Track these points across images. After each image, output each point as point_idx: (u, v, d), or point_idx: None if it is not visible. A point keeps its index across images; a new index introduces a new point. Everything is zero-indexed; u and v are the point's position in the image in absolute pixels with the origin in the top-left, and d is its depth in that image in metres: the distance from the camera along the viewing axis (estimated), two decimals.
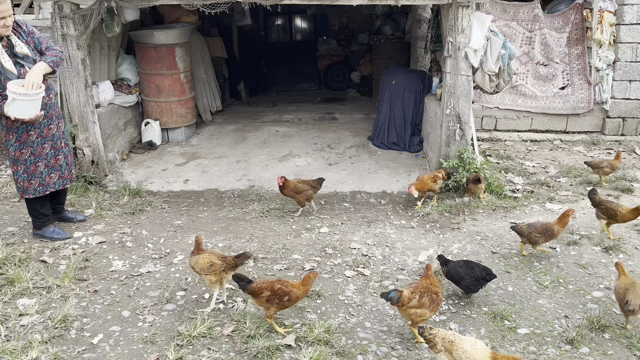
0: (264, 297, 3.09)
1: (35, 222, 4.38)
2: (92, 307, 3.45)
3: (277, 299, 3.09)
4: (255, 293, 3.12)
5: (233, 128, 7.80)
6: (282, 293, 3.10)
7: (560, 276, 3.80)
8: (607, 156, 6.34)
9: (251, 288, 3.13)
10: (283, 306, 3.14)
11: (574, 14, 6.73)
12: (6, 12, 3.82)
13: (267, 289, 3.09)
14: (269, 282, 3.14)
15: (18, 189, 4.24)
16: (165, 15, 7.59)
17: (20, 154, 4.11)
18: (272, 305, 3.11)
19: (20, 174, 4.15)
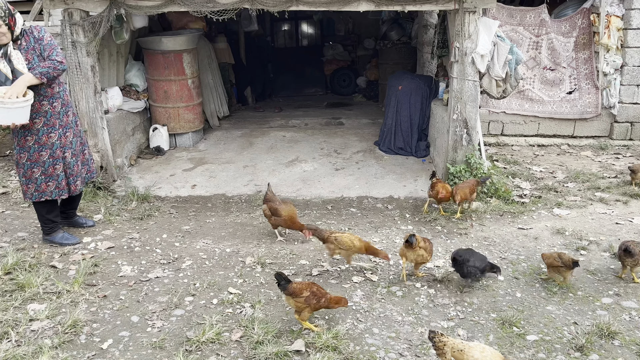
0: (303, 298, 3.18)
1: (43, 228, 4.42)
2: (102, 312, 3.48)
3: (315, 300, 3.19)
4: (295, 293, 3.21)
5: (240, 133, 7.83)
6: (320, 294, 3.22)
7: (569, 282, 3.78)
8: (616, 161, 6.32)
9: (291, 288, 3.21)
10: (320, 306, 3.23)
11: (581, 18, 6.73)
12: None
13: (307, 290, 3.21)
14: (307, 284, 3.27)
15: (21, 191, 4.32)
16: (173, 22, 7.65)
17: (20, 158, 4.18)
18: (309, 306, 3.20)
19: (20, 177, 4.24)
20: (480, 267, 3.62)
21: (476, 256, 3.70)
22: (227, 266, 4.11)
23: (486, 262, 3.69)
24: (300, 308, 3.22)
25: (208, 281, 3.85)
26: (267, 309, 3.51)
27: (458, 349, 2.60)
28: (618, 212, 4.94)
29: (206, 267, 4.09)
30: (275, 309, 3.52)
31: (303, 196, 5.57)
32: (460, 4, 4.94)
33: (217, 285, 3.81)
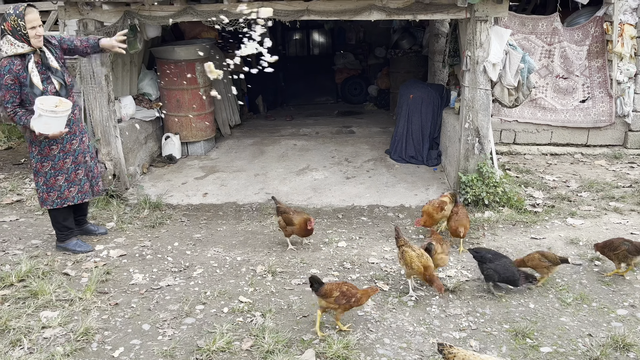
0: (333, 298, 3.24)
1: (58, 235, 4.46)
2: (113, 320, 3.49)
3: (345, 299, 3.25)
4: (326, 295, 3.27)
5: (251, 142, 7.87)
6: (350, 294, 3.28)
7: (583, 293, 3.74)
8: (630, 170, 6.24)
9: (323, 290, 3.29)
10: (349, 306, 3.29)
11: (593, 26, 6.68)
12: (35, 22, 3.92)
13: (337, 290, 3.27)
14: (337, 284, 3.33)
15: (39, 199, 4.34)
16: (185, 32, 7.73)
17: (41, 167, 4.21)
18: (340, 306, 3.26)
19: (40, 185, 4.25)
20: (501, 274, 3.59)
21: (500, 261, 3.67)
22: (238, 275, 4.11)
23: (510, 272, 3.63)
24: (332, 308, 3.29)
25: (219, 290, 3.85)
26: (278, 318, 3.50)
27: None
28: (633, 222, 4.87)
29: (217, 276, 4.09)
30: (286, 318, 3.51)
31: (314, 205, 5.56)
32: (472, 13, 4.93)
33: (228, 294, 3.81)
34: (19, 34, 3.91)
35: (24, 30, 3.90)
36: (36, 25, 3.92)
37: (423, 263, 3.60)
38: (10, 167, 6.56)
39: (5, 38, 3.94)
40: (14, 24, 3.89)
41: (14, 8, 3.93)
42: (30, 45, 3.95)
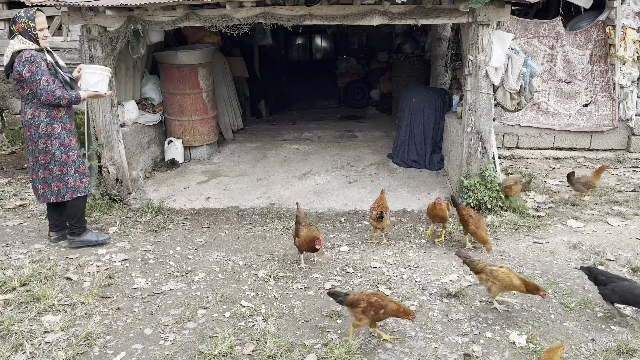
0: (360, 308, 3.18)
1: (76, 228, 4.58)
2: (115, 325, 3.49)
3: (373, 311, 3.18)
4: (353, 304, 3.21)
5: (254, 146, 7.88)
6: (379, 305, 3.19)
7: (586, 298, 3.72)
8: (634, 174, 6.22)
9: (349, 299, 3.23)
10: (378, 318, 3.22)
11: (596, 31, 6.68)
12: (44, 24, 4.26)
13: (364, 300, 3.20)
14: (366, 294, 3.26)
15: (69, 190, 4.44)
16: (188, 37, 7.76)
17: (68, 157, 4.42)
18: (367, 317, 3.19)
19: (72, 174, 4.44)
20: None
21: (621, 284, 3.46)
22: (240, 279, 4.11)
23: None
24: (360, 319, 3.23)
25: (221, 294, 3.85)
26: (280, 323, 3.50)
27: None
28: (637, 227, 4.85)
29: (219, 280, 4.09)
30: (288, 323, 3.50)
31: (316, 209, 5.56)
32: (474, 17, 4.94)
33: (230, 298, 3.81)
34: (29, 34, 4.19)
35: (34, 31, 4.18)
36: (44, 27, 4.25)
37: (523, 280, 3.46)
38: (14, 172, 6.59)
39: (17, 38, 4.21)
40: (24, 25, 4.17)
41: (24, 11, 4.23)
42: (38, 45, 4.23)
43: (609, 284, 3.46)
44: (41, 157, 4.38)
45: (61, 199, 4.48)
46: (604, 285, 3.49)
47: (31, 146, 4.39)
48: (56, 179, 4.42)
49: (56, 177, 4.42)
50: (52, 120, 4.32)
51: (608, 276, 3.53)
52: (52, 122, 4.31)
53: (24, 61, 4.14)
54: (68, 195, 4.47)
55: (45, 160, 4.38)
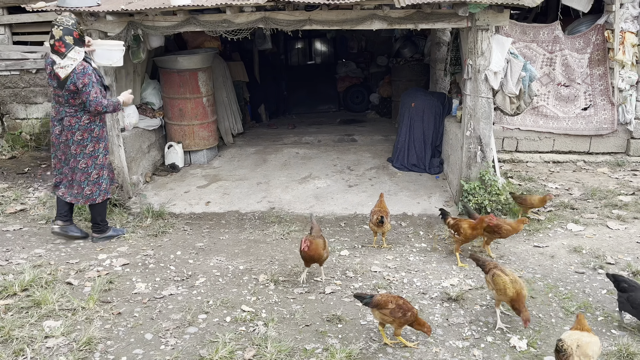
0: (389, 310, 3.19)
1: (101, 227, 4.86)
2: (116, 330, 3.49)
3: (401, 313, 3.18)
4: (380, 305, 3.22)
5: (254, 150, 7.89)
6: (406, 308, 3.20)
7: (587, 302, 3.72)
8: (633, 178, 6.23)
9: (376, 300, 3.24)
10: (405, 321, 3.20)
11: (595, 34, 6.70)
12: None
13: (392, 302, 3.21)
14: (393, 296, 3.28)
15: (102, 192, 4.72)
16: (188, 41, 7.79)
17: (105, 159, 4.75)
18: (395, 320, 3.19)
19: (106, 177, 4.75)
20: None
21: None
22: (241, 283, 4.11)
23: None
24: (386, 321, 3.23)
25: (221, 299, 3.86)
26: (280, 327, 3.50)
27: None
28: (636, 230, 4.86)
29: (219, 285, 4.10)
30: (288, 327, 3.50)
31: (316, 213, 5.56)
32: (473, 21, 4.96)
33: (231, 303, 3.81)
34: (82, 40, 4.50)
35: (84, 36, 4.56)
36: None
37: (517, 289, 3.34)
38: (14, 177, 6.59)
39: (74, 49, 4.41)
40: (80, 32, 4.46)
41: (69, 17, 4.45)
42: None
43: (629, 292, 3.37)
44: (83, 162, 4.61)
45: (92, 201, 4.72)
46: (624, 292, 3.41)
47: (76, 149, 4.59)
48: (91, 182, 4.67)
49: (92, 180, 4.67)
50: (103, 125, 4.72)
51: (630, 284, 3.41)
52: (103, 126, 4.71)
53: (77, 73, 4.36)
54: (100, 198, 4.74)
55: (87, 164, 4.64)
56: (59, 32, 4.36)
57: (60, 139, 4.62)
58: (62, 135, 4.60)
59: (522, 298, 3.31)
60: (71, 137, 4.57)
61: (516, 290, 3.32)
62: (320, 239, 4.07)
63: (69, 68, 4.37)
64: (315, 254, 3.96)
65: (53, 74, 4.45)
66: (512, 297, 3.31)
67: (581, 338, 2.83)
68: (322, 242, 4.06)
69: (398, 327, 3.22)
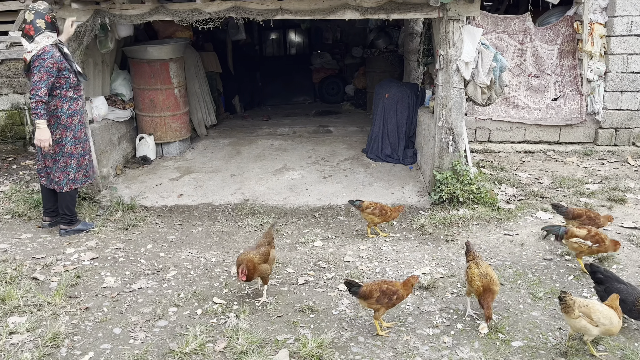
0: (375, 298, 3.21)
1: (69, 219, 4.76)
2: (83, 325, 3.42)
3: (387, 298, 3.22)
4: (367, 296, 3.24)
5: (227, 142, 7.81)
6: (390, 292, 3.24)
7: (554, 288, 3.79)
8: (601, 167, 6.36)
9: (362, 292, 3.25)
10: (392, 305, 3.26)
11: (564, 26, 6.80)
12: None
13: (377, 290, 3.23)
14: (377, 283, 3.29)
15: (69, 181, 4.66)
16: (159, 31, 7.64)
17: (75, 149, 4.68)
18: (382, 306, 3.22)
19: (73, 167, 4.69)
20: None
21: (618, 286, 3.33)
22: (213, 276, 4.07)
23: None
24: (374, 308, 3.27)
25: (193, 291, 3.81)
26: (252, 319, 3.48)
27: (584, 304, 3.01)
28: None
29: (191, 277, 4.05)
30: (260, 319, 3.49)
31: (290, 204, 5.55)
32: (445, 12, 4.97)
33: (202, 296, 3.77)
34: (56, 25, 4.50)
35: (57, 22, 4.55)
36: None
37: (484, 284, 3.29)
38: None
39: (44, 34, 4.37)
40: (52, 17, 4.46)
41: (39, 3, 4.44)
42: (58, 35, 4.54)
43: (605, 284, 3.37)
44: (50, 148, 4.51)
45: (60, 189, 4.67)
46: (600, 283, 3.41)
47: None
48: (59, 169, 4.63)
49: (60, 167, 4.63)
50: (73, 114, 4.61)
51: (606, 275, 3.44)
52: (73, 114, 4.61)
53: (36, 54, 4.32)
54: (67, 187, 4.68)
55: (55, 151, 4.58)
56: (31, 15, 4.37)
57: None
58: None
59: (489, 293, 3.27)
60: None
61: (483, 285, 3.29)
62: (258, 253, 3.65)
63: (34, 52, 4.32)
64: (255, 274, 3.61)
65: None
66: (477, 290, 3.32)
67: (596, 305, 3.03)
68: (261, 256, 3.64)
69: (384, 311, 3.29)
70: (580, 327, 3.01)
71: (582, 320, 2.99)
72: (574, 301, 3.01)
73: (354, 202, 4.71)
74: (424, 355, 3.11)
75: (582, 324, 2.99)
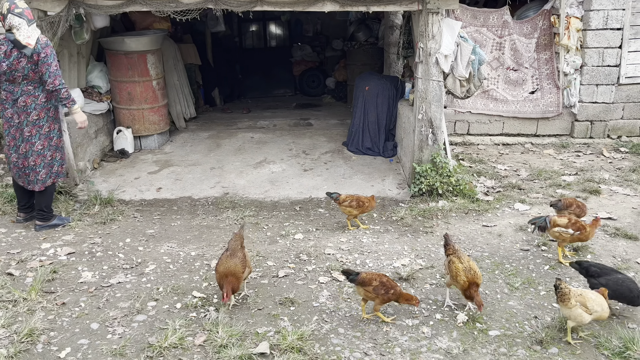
0: (372, 287, 3.26)
1: (46, 215, 4.66)
2: (60, 320, 3.37)
3: (384, 290, 3.26)
4: (365, 283, 3.28)
5: (207, 135, 7.74)
6: (389, 285, 3.29)
7: (530, 278, 3.86)
8: (576, 159, 6.48)
9: (361, 278, 3.30)
10: (388, 299, 3.28)
11: (542, 20, 6.88)
12: None
13: (376, 280, 3.28)
14: (377, 274, 3.35)
15: (54, 174, 4.61)
16: (136, 22, 7.51)
17: (60, 141, 4.65)
18: (377, 296, 3.27)
19: (58, 159, 4.64)
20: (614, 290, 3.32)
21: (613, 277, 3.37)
22: (192, 269, 4.04)
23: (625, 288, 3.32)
24: (369, 297, 3.30)
25: (172, 285, 3.78)
26: (232, 312, 3.47)
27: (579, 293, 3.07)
28: None
29: (170, 271, 4.02)
30: (240, 312, 3.48)
31: (271, 197, 5.53)
32: (424, 5, 4.99)
33: (181, 289, 3.74)
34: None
35: None
36: None
37: (469, 279, 3.33)
38: None
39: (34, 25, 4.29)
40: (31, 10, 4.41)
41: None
42: None
43: (603, 277, 3.39)
44: (39, 143, 4.47)
45: (42, 188, 4.56)
46: (597, 277, 3.42)
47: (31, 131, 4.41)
48: (46, 164, 4.55)
49: (47, 162, 4.56)
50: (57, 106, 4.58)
51: (602, 268, 3.47)
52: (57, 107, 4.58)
53: (42, 44, 4.24)
54: (50, 180, 4.60)
55: (43, 145, 4.50)
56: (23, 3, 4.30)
57: (11, 123, 4.43)
58: (15, 118, 4.40)
59: (474, 287, 3.32)
60: (25, 118, 4.39)
61: (468, 280, 3.33)
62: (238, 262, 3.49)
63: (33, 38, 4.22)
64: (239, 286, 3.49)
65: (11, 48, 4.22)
66: (463, 286, 3.35)
67: (589, 293, 3.11)
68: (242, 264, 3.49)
69: (379, 304, 3.31)
70: (576, 316, 3.04)
71: (577, 308, 3.03)
72: (569, 289, 3.07)
73: (332, 194, 4.72)
74: (403, 346, 3.14)
75: (578, 312, 3.03)
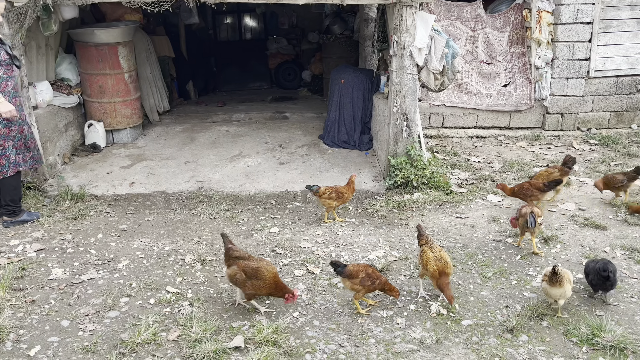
0: (359, 279, 3.30)
1: (13, 209, 4.57)
2: (29, 318, 3.30)
3: (370, 281, 3.31)
4: (352, 275, 3.32)
5: (181, 128, 7.64)
6: (375, 276, 3.34)
7: (502, 268, 3.93)
8: (548, 151, 6.60)
9: (348, 271, 3.34)
10: (374, 288, 3.34)
11: (514, 14, 6.97)
12: None
13: (363, 272, 3.33)
14: (363, 266, 3.39)
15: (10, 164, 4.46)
16: (107, 14, 7.35)
17: (10, 131, 4.44)
18: (363, 287, 3.31)
19: (11, 149, 4.47)
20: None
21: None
22: (166, 265, 4.00)
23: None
24: (355, 289, 3.34)
25: (145, 281, 3.74)
26: (207, 307, 3.45)
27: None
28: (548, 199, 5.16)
29: (143, 267, 3.96)
30: (215, 306, 3.46)
31: (247, 191, 5.50)
32: None
33: (155, 285, 3.70)
34: None
35: None
36: None
37: (439, 267, 3.37)
38: None
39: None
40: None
41: None
42: None
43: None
44: None
45: (4, 174, 4.47)
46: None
47: None
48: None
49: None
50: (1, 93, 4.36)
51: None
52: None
53: None
54: (11, 171, 4.49)
55: None
56: None
57: None
58: None
59: (444, 277, 3.35)
60: None
61: (438, 268, 3.36)
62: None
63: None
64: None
65: None
66: (433, 274, 3.39)
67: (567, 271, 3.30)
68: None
69: (363, 294, 3.36)
70: (567, 292, 3.23)
71: (568, 285, 3.21)
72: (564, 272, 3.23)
73: (312, 187, 4.71)
74: (377, 337, 3.16)
75: (568, 288, 3.22)
